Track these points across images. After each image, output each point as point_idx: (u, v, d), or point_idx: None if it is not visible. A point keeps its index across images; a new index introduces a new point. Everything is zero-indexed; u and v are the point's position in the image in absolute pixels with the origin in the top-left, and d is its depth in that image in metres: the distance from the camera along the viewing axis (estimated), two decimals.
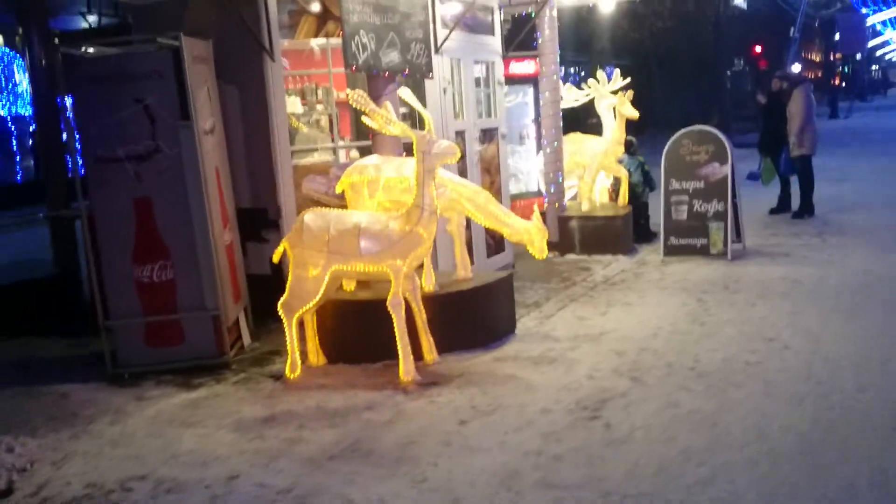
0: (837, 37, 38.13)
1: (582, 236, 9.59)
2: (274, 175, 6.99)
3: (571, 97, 10.24)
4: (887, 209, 11.34)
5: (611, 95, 9.81)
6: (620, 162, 9.94)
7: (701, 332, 6.17)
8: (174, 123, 5.79)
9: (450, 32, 7.39)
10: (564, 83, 10.31)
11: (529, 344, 6.20)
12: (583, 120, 12.62)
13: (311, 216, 5.66)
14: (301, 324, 5.87)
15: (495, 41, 8.62)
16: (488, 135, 8.51)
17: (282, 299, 5.70)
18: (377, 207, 6.20)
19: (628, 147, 10.00)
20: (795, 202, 11.26)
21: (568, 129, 10.44)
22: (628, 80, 10.01)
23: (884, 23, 47.48)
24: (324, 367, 5.94)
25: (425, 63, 6.77)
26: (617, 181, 10.10)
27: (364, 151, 7.30)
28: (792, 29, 23.50)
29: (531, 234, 6.12)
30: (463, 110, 8.01)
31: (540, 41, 9.59)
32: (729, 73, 31.97)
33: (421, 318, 5.77)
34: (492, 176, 8.57)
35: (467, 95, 8.04)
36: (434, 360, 5.83)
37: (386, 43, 6.34)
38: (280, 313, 5.70)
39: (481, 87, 8.57)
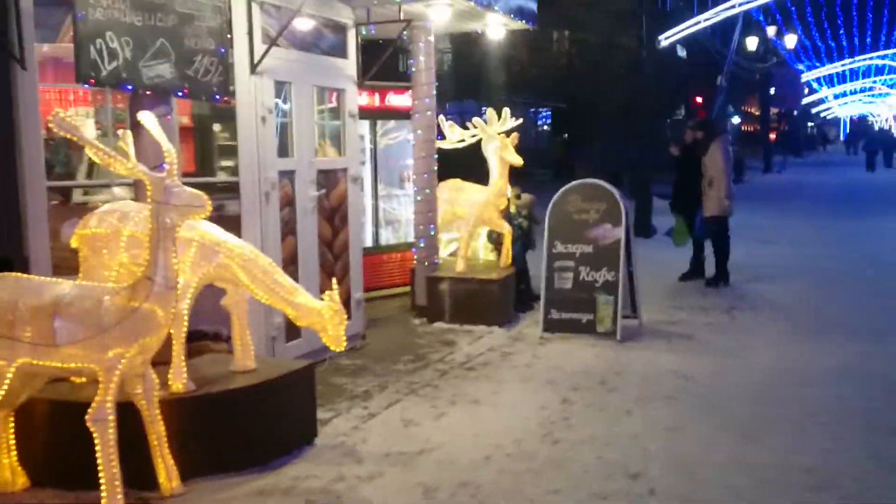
0: (773, 91, 37.95)
1: (453, 301, 8.04)
2: (21, 217, 5.31)
3: (455, 137, 8.78)
4: (811, 277, 10.16)
5: (497, 138, 8.37)
6: (506, 215, 8.49)
7: (548, 457, 4.63)
8: None
9: (268, 48, 5.84)
10: (447, 120, 8.84)
11: (320, 465, 4.58)
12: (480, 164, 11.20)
13: None
14: None
15: (349, 65, 7.09)
16: (332, 177, 6.95)
17: None
18: (120, 272, 4.57)
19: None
20: (711, 268, 9.94)
21: (462, 174, 8.97)
22: (519, 121, 8.59)
23: (819, 80, 47.95)
24: (22, 492, 4.24)
25: (218, 82, 5.19)
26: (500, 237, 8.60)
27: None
28: (719, 77, 22.57)
29: (322, 319, 4.53)
30: (293, 146, 6.43)
31: (414, 70, 8.14)
32: (668, 121, 31.15)
33: (155, 431, 4.13)
34: (335, 227, 6.98)
35: (300, 128, 6.47)
36: (174, 490, 4.18)
37: (151, 51, 4.76)
38: None
39: (327, 119, 7.04)
